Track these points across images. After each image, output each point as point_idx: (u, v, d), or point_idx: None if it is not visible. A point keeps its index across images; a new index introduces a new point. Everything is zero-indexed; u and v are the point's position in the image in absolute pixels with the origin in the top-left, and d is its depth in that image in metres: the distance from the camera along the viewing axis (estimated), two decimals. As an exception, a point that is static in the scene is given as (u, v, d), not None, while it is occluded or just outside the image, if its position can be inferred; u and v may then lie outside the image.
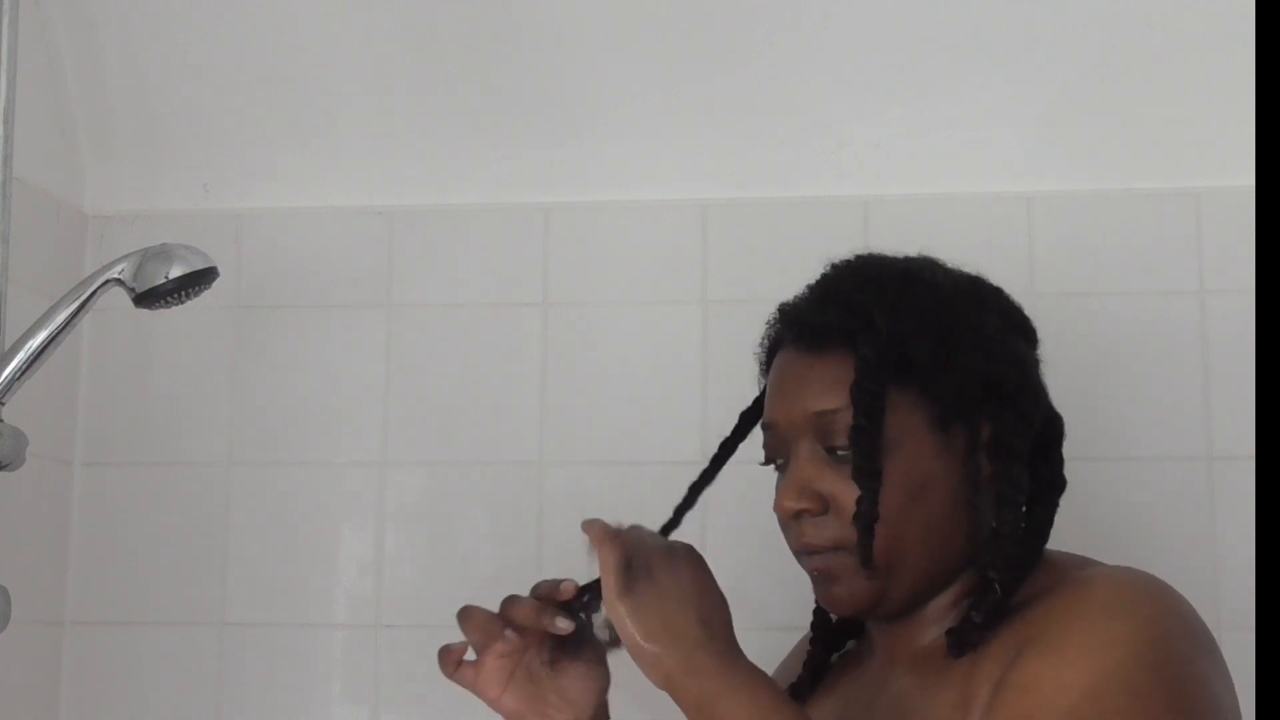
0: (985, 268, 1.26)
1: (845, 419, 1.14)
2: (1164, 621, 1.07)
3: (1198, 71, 1.65)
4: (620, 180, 1.75)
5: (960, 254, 1.27)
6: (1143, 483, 1.63)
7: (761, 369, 1.27)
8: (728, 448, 1.28)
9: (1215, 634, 1.13)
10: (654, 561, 1.12)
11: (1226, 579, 1.60)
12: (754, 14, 1.68)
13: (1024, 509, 1.17)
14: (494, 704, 1.20)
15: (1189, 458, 1.64)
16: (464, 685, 1.21)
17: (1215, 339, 1.65)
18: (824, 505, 1.15)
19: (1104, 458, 1.46)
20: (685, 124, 1.73)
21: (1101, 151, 1.69)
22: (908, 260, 1.22)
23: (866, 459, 1.12)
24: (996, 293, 1.22)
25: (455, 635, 1.71)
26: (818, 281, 1.23)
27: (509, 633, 1.17)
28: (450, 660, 1.20)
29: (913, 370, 1.14)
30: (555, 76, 1.72)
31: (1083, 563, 1.17)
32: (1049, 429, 1.21)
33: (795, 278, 1.69)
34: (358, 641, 1.71)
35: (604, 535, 1.12)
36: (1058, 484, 1.21)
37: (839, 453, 1.15)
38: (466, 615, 1.19)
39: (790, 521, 1.18)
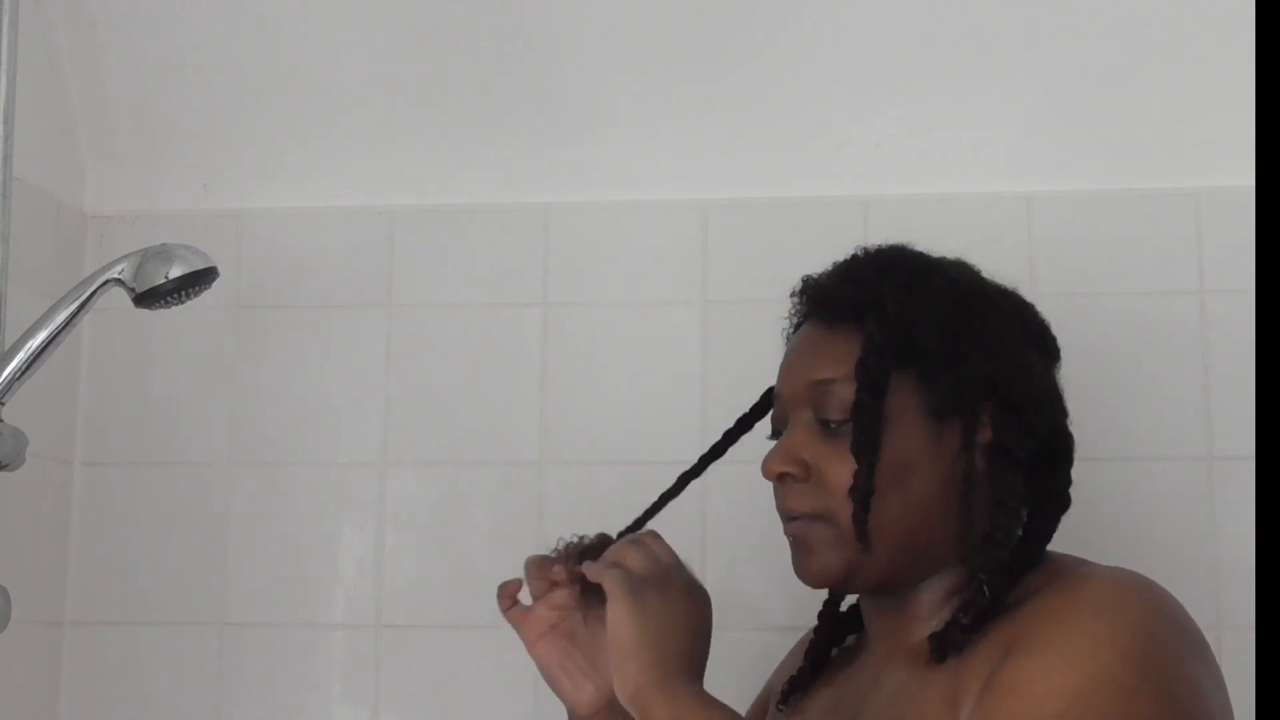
0: (985, 268, 1.27)
1: (841, 391, 1.16)
2: (1153, 622, 1.07)
3: (1198, 71, 1.65)
4: (620, 180, 1.75)
5: (960, 254, 1.27)
6: (1143, 483, 1.63)
7: (787, 344, 1.28)
8: (744, 423, 1.31)
9: (1215, 634, 1.14)
10: (672, 585, 1.17)
11: (1226, 579, 1.60)
12: (754, 14, 1.68)
13: (1022, 517, 1.17)
14: (530, 648, 1.27)
15: (1189, 458, 1.64)
16: (512, 624, 1.27)
17: (1215, 339, 1.65)
18: (807, 472, 1.17)
19: (1104, 458, 1.46)
20: (685, 124, 1.73)
21: (1101, 151, 1.69)
22: (938, 257, 1.23)
23: (865, 434, 1.14)
24: (1021, 304, 1.23)
25: (455, 635, 1.72)
26: (843, 260, 1.25)
27: (557, 568, 1.25)
28: (506, 595, 1.28)
29: (914, 355, 1.15)
30: (555, 76, 1.72)
31: (1077, 564, 1.16)
32: (1056, 444, 1.21)
33: (795, 278, 1.69)
34: (358, 641, 1.71)
35: (632, 540, 1.19)
36: (1061, 500, 1.21)
37: (832, 425, 1.16)
38: (532, 560, 1.27)
39: (776, 486, 1.20)
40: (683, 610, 1.16)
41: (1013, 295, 1.23)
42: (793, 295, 1.26)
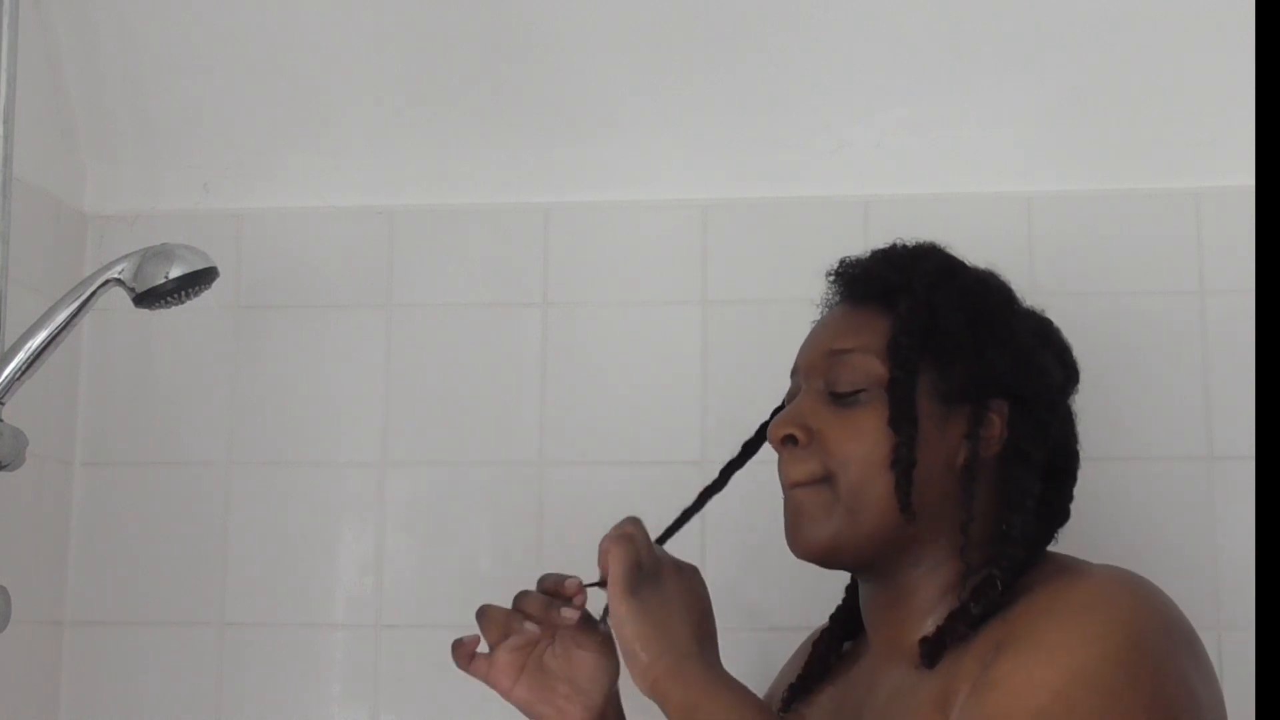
0: (961, 258, 1.27)
1: (855, 362, 1.19)
2: (1140, 619, 1.07)
3: (1198, 71, 1.65)
4: (620, 180, 1.75)
5: (960, 254, 1.28)
6: (1143, 483, 1.63)
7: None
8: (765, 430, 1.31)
9: (1215, 634, 1.14)
10: (663, 570, 1.18)
11: (1226, 579, 1.60)
12: (753, 14, 1.68)
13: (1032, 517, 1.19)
14: (506, 695, 1.26)
15: (1189, 458, 1.64)
16: (478, 677, 1.26)
17: (1215, 339, 1.65)
18: (811, 437, 1.19)
19: (1104, 458, 1.46)
20: (685, 124, 1.73)
21: (1101, 151, 1.69)
22: (973, 265, 1.26)
23: (902, 408, 1.16)
24: (1048, 322, 1.27)
25: (455, 635, 1.71)
26: (881, 247, 1.28)
27: (528, 625, 1.22)
28: (464, 653, 1.26)
29: (935, 338, 1.18)
30: (555, 77, 1.72)
31: (1070, 564, 1.18)
32: (1064, 457, 1.24)
33: (795, 278, 1.69)
34: (358, 641, 1.71)
35: (618, 536, 1.17)
36: (1060, 514, 1.24)
37: (841, 393, 1.19)
38: (483, 613, 1.25)
39: (780, 451, 1.22)
40: (676, 589, 1.17)
41: (1041, 315, 1.27)
42: (827, 276, 1.29)
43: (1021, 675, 1.05)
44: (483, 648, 1.26)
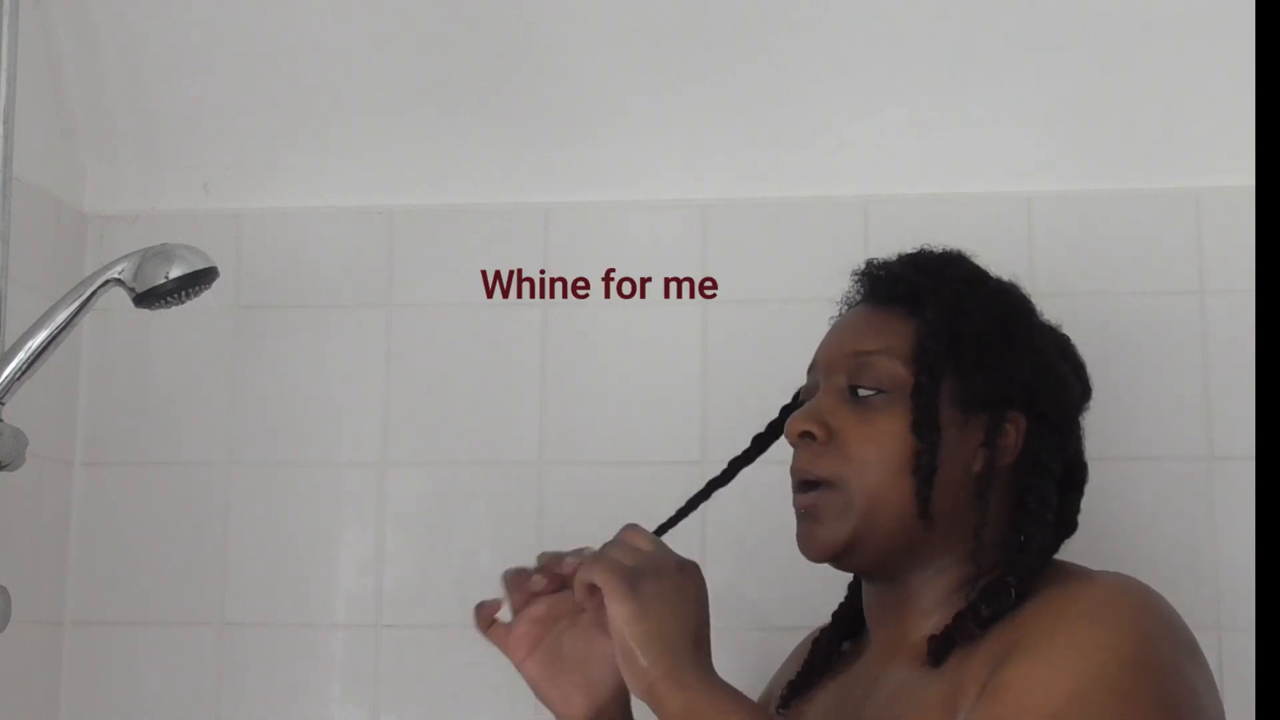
0: (985, 268, 1.28)
1: (879, 363, 1.19)
2: (1149, 626, 1.08)
3: (1198, 71, 1.65)
4: (620, 180, 1.75)
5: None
6: (1143, 483, 1.63)
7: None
8: (776, 428, 1.31)
9: (1215, 634, 1.15)
10: (664, 572, 1.16)
11: (1226, 579, 1.60)
12: (753, 14, 1.68)
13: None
14: (519, 665, 1.25)
15: (1189, 458, 1.64)
16: (495, 643, 1.25)
17: (1215, 339, 1.65)
18: (829, 435, 1.19)
19: (1104, 458, 1.46)
20: (685, 124, 1.73)
21: (1101, 151, 1.69)
22: (995, 276, 1.27)
23: (926, 413, 1.16)
24: (1065, 338, 1.28)
25: (455, 635, 1.72)
26: (909, 251, 1.28)
27: (535, 578, 1.22)
28: (484, 616, 1.25)
29: (958, 346, 1.19)
30: (555, 77, 1.72)
31: (1074, 569, 1.18)
32: (1076, 469, 1.25)
33: (795, 277, 1.69)
34: (358, 641, 1.71)
35: (604, 552, 1.17)
36: (1069, 524, 1.25)
37: (862, 394, 1.19)
38: (506, 574, 1.25)
39: (796, 446, 1.22)
40: (678, 592, 1.15)
41: (1058, 330, 1.28)
42: (852, 275, 1.29)
43: (1036, 678, 1.05)
44: (505, 617, 1.25)
